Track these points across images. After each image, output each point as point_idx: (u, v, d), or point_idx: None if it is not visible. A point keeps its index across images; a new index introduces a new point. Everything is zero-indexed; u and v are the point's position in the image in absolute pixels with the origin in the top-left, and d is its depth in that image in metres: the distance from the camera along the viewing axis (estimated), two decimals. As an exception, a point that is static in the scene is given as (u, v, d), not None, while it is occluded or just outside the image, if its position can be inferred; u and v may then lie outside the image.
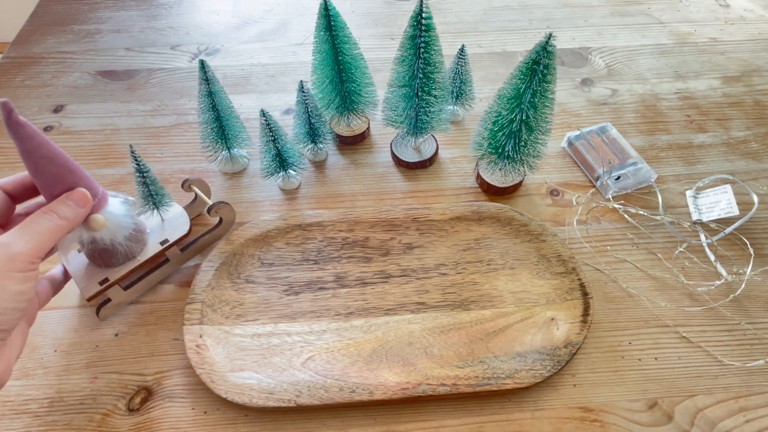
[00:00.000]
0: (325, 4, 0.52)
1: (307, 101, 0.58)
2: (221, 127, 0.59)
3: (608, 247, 0.57)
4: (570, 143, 0.65)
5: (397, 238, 0.56)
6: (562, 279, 0.52)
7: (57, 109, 0.70)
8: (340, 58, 0.56)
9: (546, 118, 0.52)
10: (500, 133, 0.54)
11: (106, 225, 0.44)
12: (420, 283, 0.53)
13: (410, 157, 0.63)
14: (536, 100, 0.49)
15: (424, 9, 0.47)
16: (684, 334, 0.51)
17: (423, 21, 0.48)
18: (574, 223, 0.59)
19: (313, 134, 0.61)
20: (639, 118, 0.70)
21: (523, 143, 0.53)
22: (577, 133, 0.65)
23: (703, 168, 0.64)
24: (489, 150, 0.56)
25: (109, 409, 0.46)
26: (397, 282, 0.53)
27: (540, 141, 0.54)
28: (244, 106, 0.70)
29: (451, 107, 0.68)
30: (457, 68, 0.63)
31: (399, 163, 0.64)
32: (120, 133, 0.67)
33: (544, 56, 0.46)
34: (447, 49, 0.78)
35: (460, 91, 0.65)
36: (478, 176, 0.61)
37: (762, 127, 0.69)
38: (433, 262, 0.54)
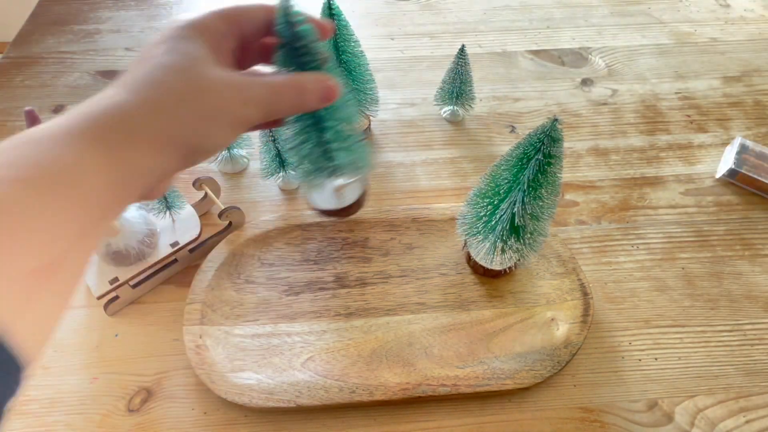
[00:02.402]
0: (329, 3, 0.52)
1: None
2: (221, 127, 0.59)
3: (608, 247, 0.57)
4: (734, 172, 0.60)
5: (397, 238, 0.56)
6: (562, 279, 0.52)
7: (57, 109, 0.70)
8: (342, 57, 0.56)
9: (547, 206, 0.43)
10: (492, 222, 0.45)
11: (121, 231, 0.45)
12: (420, 283, 0.53)
13: (328, 203, 0.47)
14: (538, 190, 0.41)
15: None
16: (684, 335, 0.51)
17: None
18: (574, 222, 0.59)
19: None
20: (639, 118, 0.69)
21: (528, 234, 0.45)
22: (735, 160, 0.60)
23: (703, 168, 0.64)
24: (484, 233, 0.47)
25: (109, 410, 0.46)
26: (397, 282, 0.53)
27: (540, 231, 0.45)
28: (244, 106, 0.70)
29: (451, 107, 0.68)
30: (457, 68, 0.63)
31: (317, 209, 0.48)
32: (120, 134, 0.67)
33: (547, 144, 0.38)
34: (447, 49, 0.78)
35: (460, 91, 0.64)
36: (469, 258, 0.53)
37: (762, 127, 0.69)
38: (433, 262, 0.54)
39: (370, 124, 0.66)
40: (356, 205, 0.43)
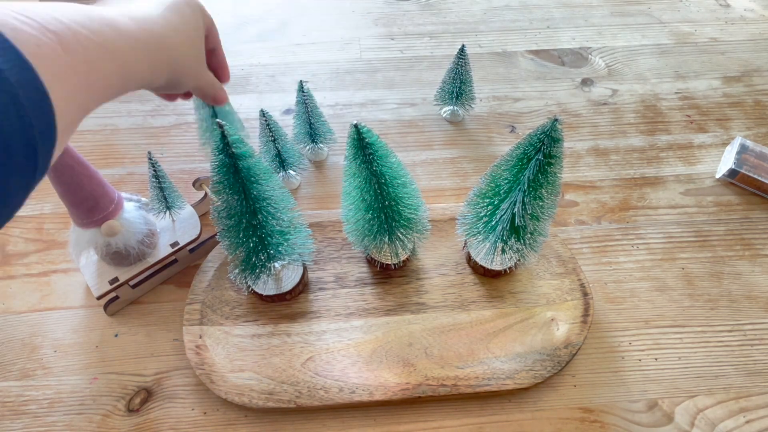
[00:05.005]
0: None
1: (306, 101, 0.57)
2: (221, 127, 0.59)
3: (608, 247, 0.57)
4: (734, 172, 0.60)
5: (397, 239, 0.56)
6: (562, 279, 0.52)
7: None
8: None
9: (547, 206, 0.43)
10: (492, 222, 0.46)
11: (121, 231, 0.45)
12: (420, 283, 0.53)
13: (269, 288, 0.50)
14: (539, 190, 0.41)
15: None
16: (684, 335, 0.51)
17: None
18: (574, 222, 0.59)
19: (313, 134, 0.61)
20: (639, 118, 0.69)
21: (528, 234, 0.45)
22: (735, 160, 0.60)
23: (703, 168, 0.64)
24: (484, 233, 0.47)
25: (109, 410, 0.46)
26: (397, 282, 0.53)
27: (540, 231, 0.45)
28: (244, 106, 0.70)
29: (451, 107, 0.68)
30: (457, 68, 0.63)
31: (258, 296, 0.51)
32: (120, 133, 0.67)
33: (547, 144, 0.38)
34: (447, 49, 0.78)
35: (460, 91, 0.64)
36: (469, 258, 0.53)
37: (762, 127, 0.69)
38: (433, 262, 0.54)
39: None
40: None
